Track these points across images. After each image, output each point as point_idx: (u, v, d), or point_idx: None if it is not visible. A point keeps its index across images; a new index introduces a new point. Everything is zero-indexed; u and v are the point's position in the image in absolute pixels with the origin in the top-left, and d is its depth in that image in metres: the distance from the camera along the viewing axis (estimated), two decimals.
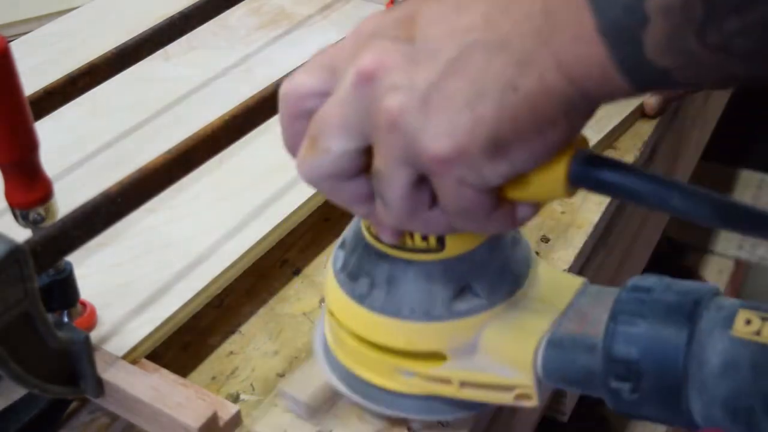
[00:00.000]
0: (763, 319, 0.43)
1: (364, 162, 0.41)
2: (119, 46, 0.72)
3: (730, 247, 1.52)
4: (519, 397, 0.49)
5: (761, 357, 0.42)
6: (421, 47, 0.39)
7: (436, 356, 0.49)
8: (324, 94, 0.41)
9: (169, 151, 0.58)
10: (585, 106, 0.38)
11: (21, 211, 0.53)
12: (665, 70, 0.36)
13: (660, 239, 1.11)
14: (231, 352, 0.63)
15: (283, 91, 0.43)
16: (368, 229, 0.49)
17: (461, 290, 0.48)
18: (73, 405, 0.60)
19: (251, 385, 0.60)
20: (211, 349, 0.63)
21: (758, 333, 0.42)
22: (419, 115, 0.38)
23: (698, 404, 0.43)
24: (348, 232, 0.52)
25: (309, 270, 0.69)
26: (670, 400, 0.44)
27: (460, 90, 0.38)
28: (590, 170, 0.40)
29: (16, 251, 0.46)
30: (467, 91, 0.38)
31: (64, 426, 0.59)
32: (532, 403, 0.49)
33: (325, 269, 0.53)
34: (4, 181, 0.53)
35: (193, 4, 0.78)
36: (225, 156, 0.65)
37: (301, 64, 0.44)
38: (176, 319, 0.60)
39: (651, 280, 0.46)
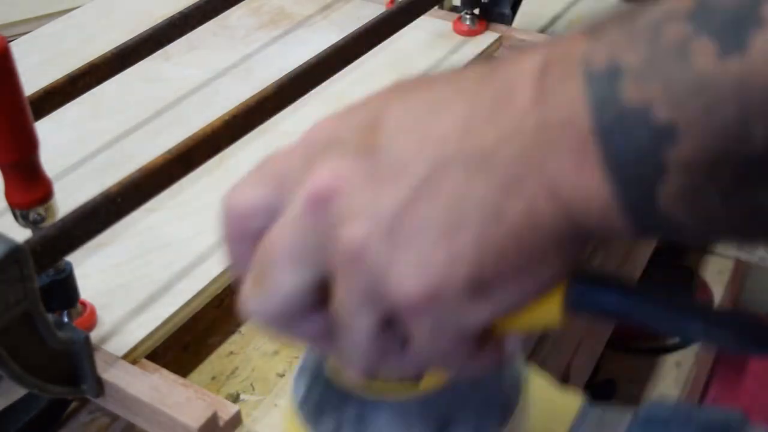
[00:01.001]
0: None
1: (320, 296, 0.34)
2: (119, 46, 0.72)
3: (730, 247, 1.52)
4: None
5: None
6: (385, 162, 0.32)
7: None
8: (272, 211, 0.34)
9: (169, 151, 0.58)
10: (580, 241, 0.32)
11: (21, 211, 0.53)
12: (678, 224, 0.30)
13: (660, 239, 1.11)
14: (231, 352, 0.63)
15: (224, 206, 0.36)
16: (328, 361, 0.41)
17: (442, 429, 0.41)
18: (73, 405, 0.60)
19: (251, 385, 0.60)
20: (211, 349, 0.63)
21: None
22: (385, 248, 0.31)
23: None
24: (308, 354, 0.43)
25: None
26: None
27: (433, 218, 0.31)
28: (590, 295, 0.34)
29: (16, 251, 0.46)
30: (441, 220, 0.31)
31: (64, 426, 0.59)
32: None
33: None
34: (4, 181, 0.53)
35: (193, 4, 0.78)
36: (225, 156, 0.65)
37: (246, 174, 0.36)
38: (176, 319, 0.60)
39: (667, 409, 0.41)
